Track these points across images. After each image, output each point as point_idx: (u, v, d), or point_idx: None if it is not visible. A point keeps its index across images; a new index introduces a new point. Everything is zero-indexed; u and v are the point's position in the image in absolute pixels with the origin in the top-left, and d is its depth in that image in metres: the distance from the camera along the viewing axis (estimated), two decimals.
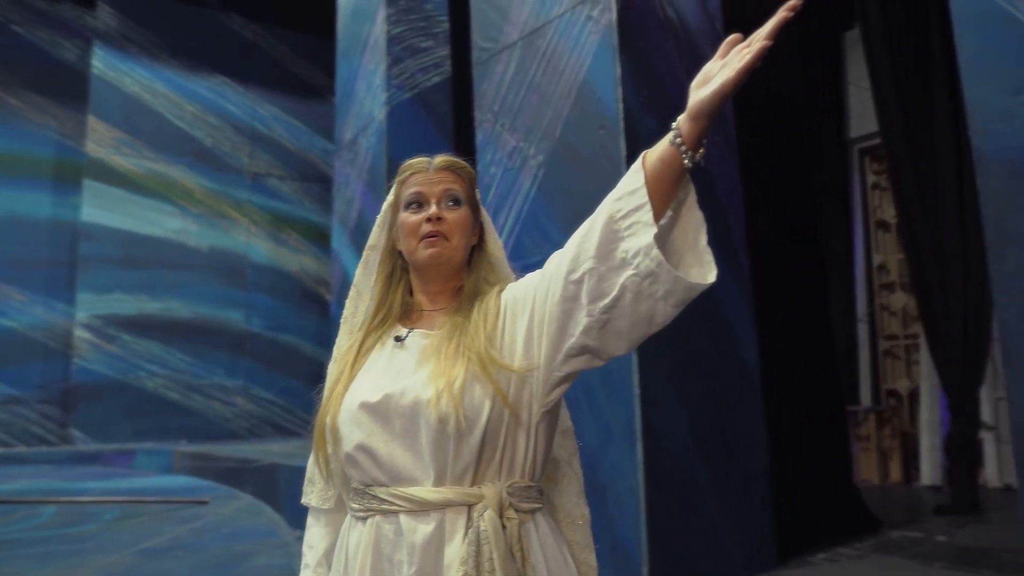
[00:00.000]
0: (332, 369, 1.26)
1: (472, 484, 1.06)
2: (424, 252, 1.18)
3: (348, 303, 1.33)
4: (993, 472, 5.77)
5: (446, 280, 1.22)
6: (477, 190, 1.28)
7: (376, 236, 1.31)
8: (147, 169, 8.26)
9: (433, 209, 1.18)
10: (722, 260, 3.61)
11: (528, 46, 3.65)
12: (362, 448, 1.10)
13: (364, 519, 1.10)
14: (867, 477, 6.49)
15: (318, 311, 9.05)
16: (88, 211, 7.84)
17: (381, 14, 5.76)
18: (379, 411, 1.10)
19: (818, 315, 4.96)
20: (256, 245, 8.96)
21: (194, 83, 8.56)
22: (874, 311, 7.16)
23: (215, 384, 8.52)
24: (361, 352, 1.21)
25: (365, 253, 1.31)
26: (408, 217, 1.21)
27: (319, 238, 9.13)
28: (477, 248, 1.27)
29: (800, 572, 3.55)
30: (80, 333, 7.84)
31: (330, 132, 7.74)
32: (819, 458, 4.60)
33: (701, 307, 3.44)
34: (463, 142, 5.62)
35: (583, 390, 3.37)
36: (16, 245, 7.70)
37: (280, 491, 5.53)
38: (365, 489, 1.11)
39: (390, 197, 1.29)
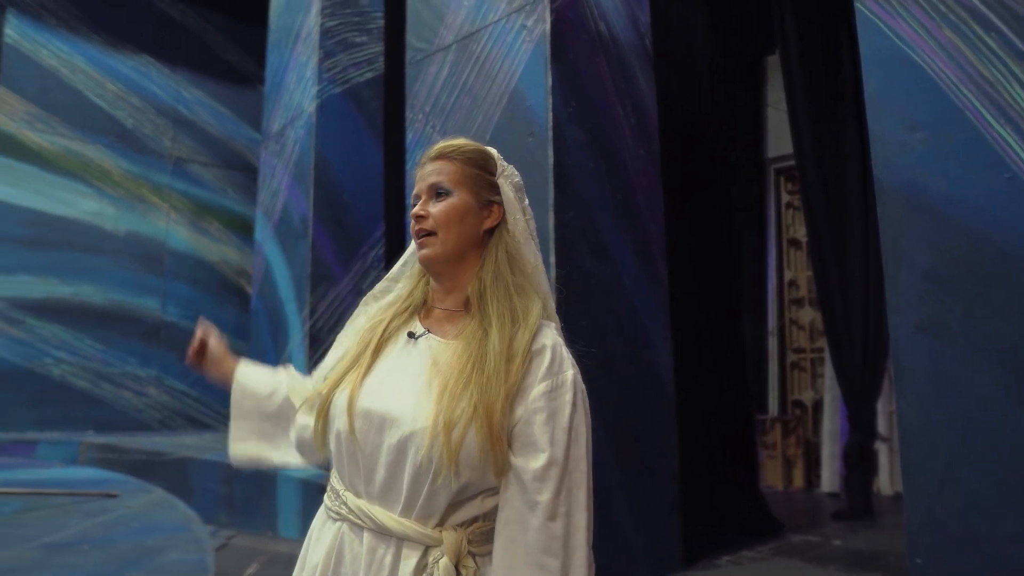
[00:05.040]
0: (347, 340, 1.25)
1: (436, 526, 1.05)
2: (419, 254, 1.16)
3: (380, 285, 1.31)
4: (886, 480, 6.12)
5: (452, 277, 1.18)
6: (500, 163, 1.20)
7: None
8: (62, 147, 7.93)
9: (417, 209, 1.16)
10: (641, 267, 3.74)
11: (462, 50, 3.69)
12: (351, 448, 1.10)
13: (335, 520, 1.12)
14: (772, 483, 6.76)
15: (238, 303, 8.85)
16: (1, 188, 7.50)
17: (316, 6, 5.71)
18: (374, 423, 1.09)
19: (730, 325, 5.15)
20: (175, 232, 8.70)
21: (116, 61, 8.26)
22: (784, 325, 7.46)
23: (127, 373, 8.24)
24: (384, 336, 1.18)
25: (407, 252, 1.30)
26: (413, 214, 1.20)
27: (241, 228, 8.93)
28: (496, 231, 1.19)
29: (706, 574, 3.70)
30: None
31: (258, 121, 7.60)
32: (727, 463, 4.79)
33: (617, 311, 3.55)
34: (394, 141, 5.62)
35: None
36: None
37: (193, 485, 5.41)
38: (340, 491, 1.12)
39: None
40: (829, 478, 6.47)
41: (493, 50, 3.52)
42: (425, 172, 1.18)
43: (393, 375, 1.13)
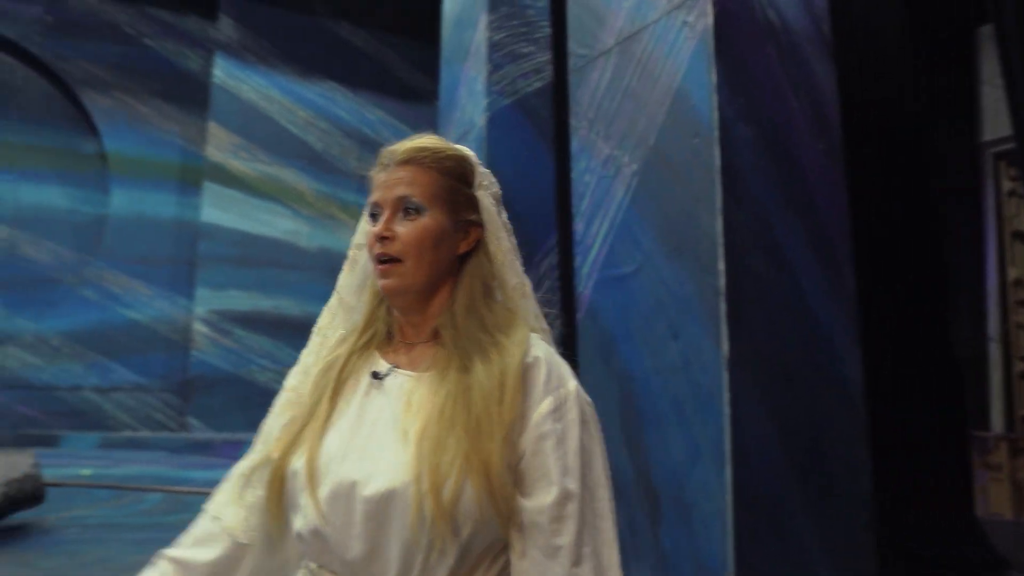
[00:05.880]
0: (298, 384, 1.04)
1: None
2: (379, 283, 0.97)
3: (325, 311, 1.10)
4: None
5: (419, 312, 0.99)
6: (478, 172, 1.02)
7: (363, 232, 1.05)
8: (262, 172, 8.64)
9: (377, 227, 0.96)
10: (823, 271, 3.45)
11: (623, 52, 3.57)
12: (319, 523, 0.90)
13: None
14: (998, 511, 6.04)
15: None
16: (207, 212, 8.27)
17: (483, 20, 5.79)
18: (343, 490, 0.89)
19: (939, 332, 4.64)
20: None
21: (306, 89, 8.89)
22: (1008, 329, 6.65)
23: None
24: (341, 379, 0.98)
25: (351, 252, 1.08)
26: (369, 230, 0.99)
27: None
28: (471, 255, 1.01)
29: None
30: (198, 327, 8.30)
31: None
32: (935, 487, 4.31)
33: (796, 319, 3.28)
34: (564, 149, 5.57)
35: (671, 404, 3.27)
36: (143, 243, 8.21)
37: None
38: (318, 569, 0.93)
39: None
40: None
41: (655, 50, 3.38)
42: (390, 179, 0.99)
43: (359, 426, 0.93)
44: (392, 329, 1.03)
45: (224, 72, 8.28)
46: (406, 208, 0.97)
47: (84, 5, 7.84)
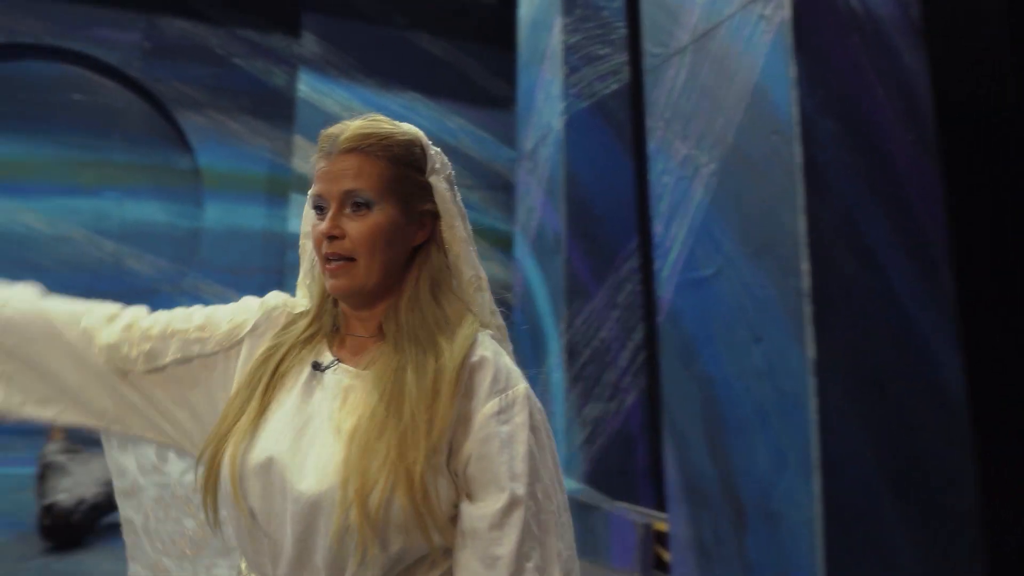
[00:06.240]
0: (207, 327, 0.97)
1: None
2: (328, 281, 0.90)
3: (272, 297, 1.04)
4: None
5: (370, 307, 0.93)
6: (430, 156, 0.94)
7: (308, 220, 0.98)
8: None
9: (324, 225, 0.89)
10: (917, 271, 3.27)
11: (699, 50, 3.48)
12: (248, 521, 0.86)
13: None
14: None
15: (504, 316, 9.21)
16: (294, 222, 8.49)
17: (558, 24, 5.77)
18: (274, 487, 0.84)
19: None
20: None
21: (387, 100, 9.03)
22: None
23: None
24: (279, 370, 0.92)
25: (301, 241, 1.02)
26: (315, 226, 0.92)
27: (506, 245, 9.30)
28: (424, 245, 0.94)
29: None
30: None
31: (515, 141, 7.89)
32: None
33: (887, 322, 3.13)
34: (642, 151, 5.50)
35: (755, 410, 3.16)
36: (235, 254, 8.50)
37: None
38: (248, 572, 0.90)
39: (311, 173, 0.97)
40: None
41: (731, 46, 3.28)
42: (334, 169, 0.89)
43: (293, 420, 0.87)
44: (338, 321, 0.97)
45: (308, 86, 8.50)
46: (355, 203, 0.89)
47: (178, 30, 8.23)
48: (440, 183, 0.94)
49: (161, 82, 8.12)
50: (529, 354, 6.21)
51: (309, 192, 0.96)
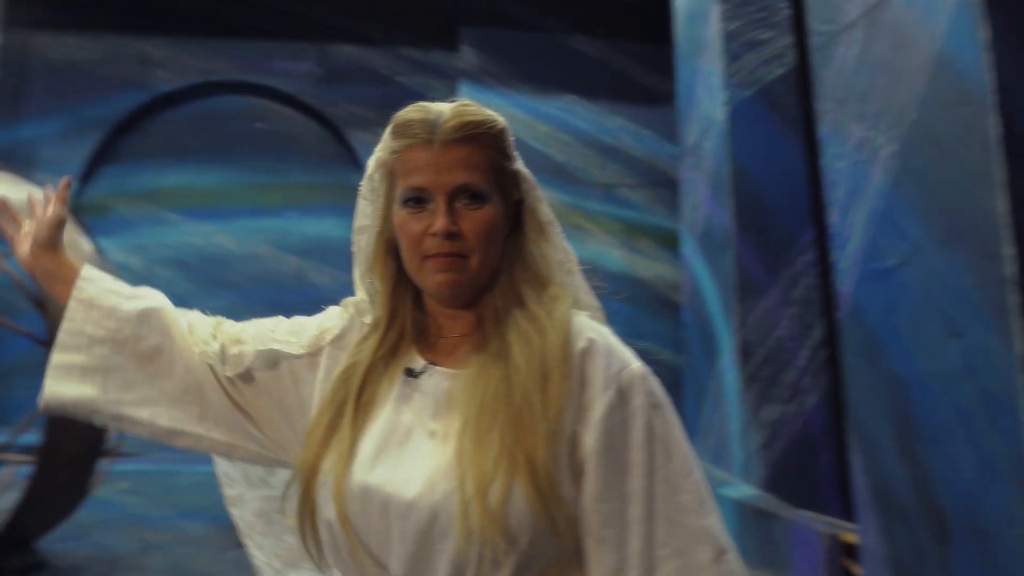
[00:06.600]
0: (315, 381, 0.92)
1: None
2: (433, 279, 0.84)
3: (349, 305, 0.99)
4: None
5: (469, 302, 0.88)
6: (510, 145, 0.89)
7: (366, 214, 0.94)
8: None
9: (441, 221, 0.82)
10: None
11: (871, 23, 3.21)
12: (351, 544, 0.81)
13: None
14: None
15: (673, 317, 9.02)
16: None
17: (715, 11, 5.55)
18: (376, 506, 0.79)
19: None
20: (610, 255, 9.22)
21: (545, 104, 9.11)
22: None
23: None
24: (366, 383, 0.87)
25: (354, 237, 0.97)
26: (407, 220, 0.86)
27: (671, 244, 9.12)
28: (513, 234, 0.90)
29: None
30: None
31: (675, 137, 7.72)
32: None
33: None
34: (812, 136, 5.19)
35: (955, 413, 2.87)
36: None
37: None
38: None
39: (383, 155, 0.89)
40: None
41: (908, 14, 3.00)
42: (441, 160, 0.83)
43: (391, 435, 0.82)
44: (422, 324, 0.91)
45: (467, 98, 8.73)
46: (471, 197, 0.84)
47: (346, 54, 8.73)
48: (524, 169, 0.91)
49: (332, 105, 8.63)
50: (699, 354, 6.04)
51: (380, 166, 0.90)
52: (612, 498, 0.76)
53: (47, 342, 2.73)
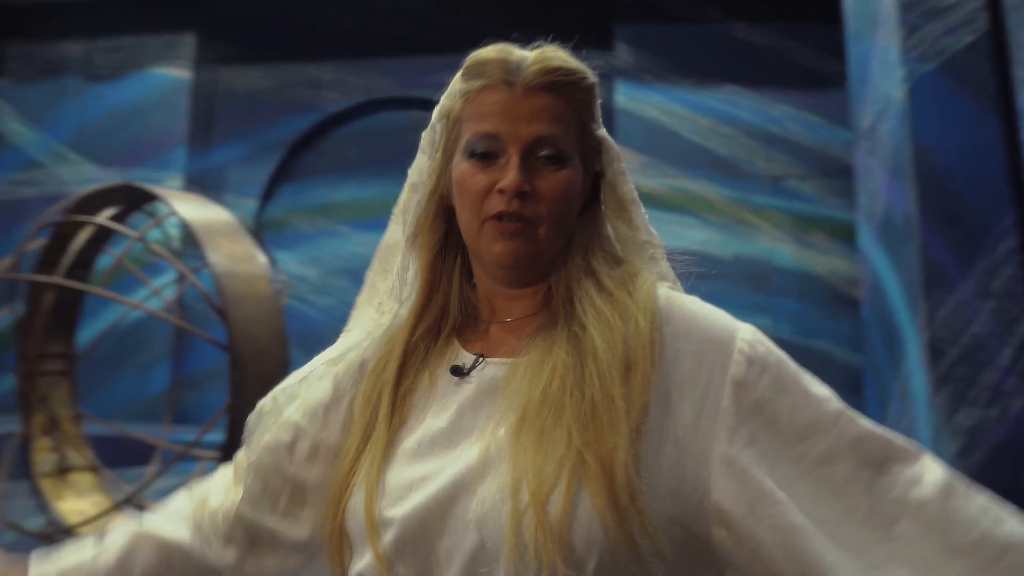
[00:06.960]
0: (342, 389, 0.76)
1: None
2: (493, 248, 0.69)
3: (358, 306, 0.83)
4: None
5: (531, 280, 0.73)
6: (598, 108, 0.76)
7: (422, 170, 0.79)
8: (668, 186, 8.77)
9: (513, 176, 0.68)
10: None
11: None
12: (386, 571, 0.66)
13: None
14: None
15: (851, 315, 8.48)
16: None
17: None
18: (415, 524, 0.64)
19: None
20: (779, 249, 8.81)
21: (704, 97, 8.83)
22: None
23: None
24: (400, 385, 0.72)
25: (404, 196, 0.81)
26: (469, 172, 0.71)
27: (847, 236, 8.58)
28: (588, 209, 0.77)
29: None
30: None
31: (848, 122, 7.24)
32: None
33: None
34: (1009, 108, 4.67)
35: None
36: None
37: None
38: None
39: (449, 101, 0.76)
40: None
41: None
42: (521, 108, 0.69)
43: (436, 440, 0.67)
44: (471, 307, 0.76)
45: (625, 96, 8.60)
46: (549, 154, 0.70)
47: None
48: (609, 137, 0.79)
49: None
50: (882, 354, 5.64)
51: (443, 118, 0.77)
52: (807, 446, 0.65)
53: (228, 348, 2.95)
